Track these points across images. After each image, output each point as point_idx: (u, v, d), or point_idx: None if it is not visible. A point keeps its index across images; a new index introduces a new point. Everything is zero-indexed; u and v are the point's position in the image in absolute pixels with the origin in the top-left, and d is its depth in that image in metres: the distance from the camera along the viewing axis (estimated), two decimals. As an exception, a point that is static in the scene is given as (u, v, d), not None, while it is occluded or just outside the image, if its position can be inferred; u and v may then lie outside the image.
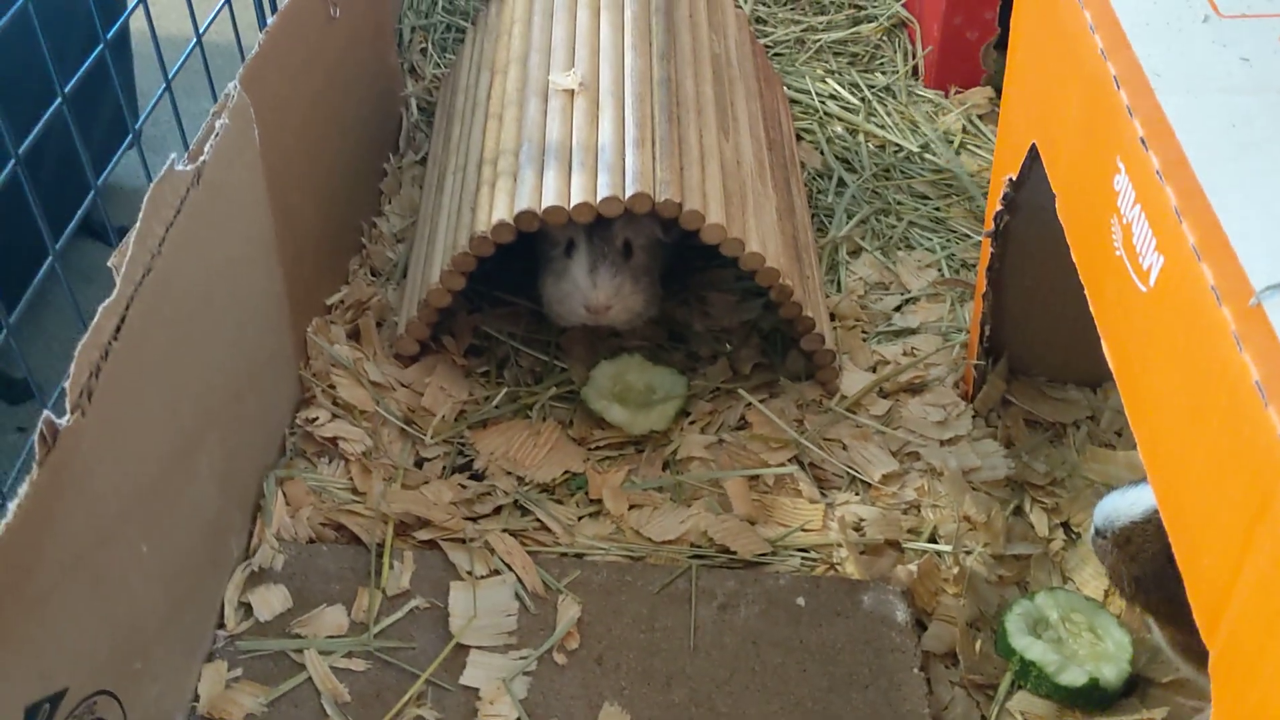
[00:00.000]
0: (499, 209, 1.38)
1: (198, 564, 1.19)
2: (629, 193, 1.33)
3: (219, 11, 1.50)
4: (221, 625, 1.23)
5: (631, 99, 1.44)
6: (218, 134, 1.18)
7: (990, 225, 1.37)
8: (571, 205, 1.34)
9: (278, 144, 1.37)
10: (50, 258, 1.18)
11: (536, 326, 1.60)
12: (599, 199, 1.33)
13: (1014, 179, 1.28)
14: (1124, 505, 1.11)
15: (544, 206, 1.34)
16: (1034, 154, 1.19)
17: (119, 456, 0.99)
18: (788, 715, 1.15)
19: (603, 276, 1.42)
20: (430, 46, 2.13)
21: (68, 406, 0.91)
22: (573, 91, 1.46)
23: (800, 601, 1.25)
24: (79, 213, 1.26)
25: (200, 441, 1.18)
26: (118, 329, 0.98)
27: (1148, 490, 1.10)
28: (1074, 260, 1.04)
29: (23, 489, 0.85)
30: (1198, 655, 1.07)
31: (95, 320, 0.96)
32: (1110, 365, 0.93)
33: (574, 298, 1.44)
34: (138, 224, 1.03)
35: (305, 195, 1.48)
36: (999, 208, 1.34)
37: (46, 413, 0.89)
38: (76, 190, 1.30)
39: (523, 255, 1.55)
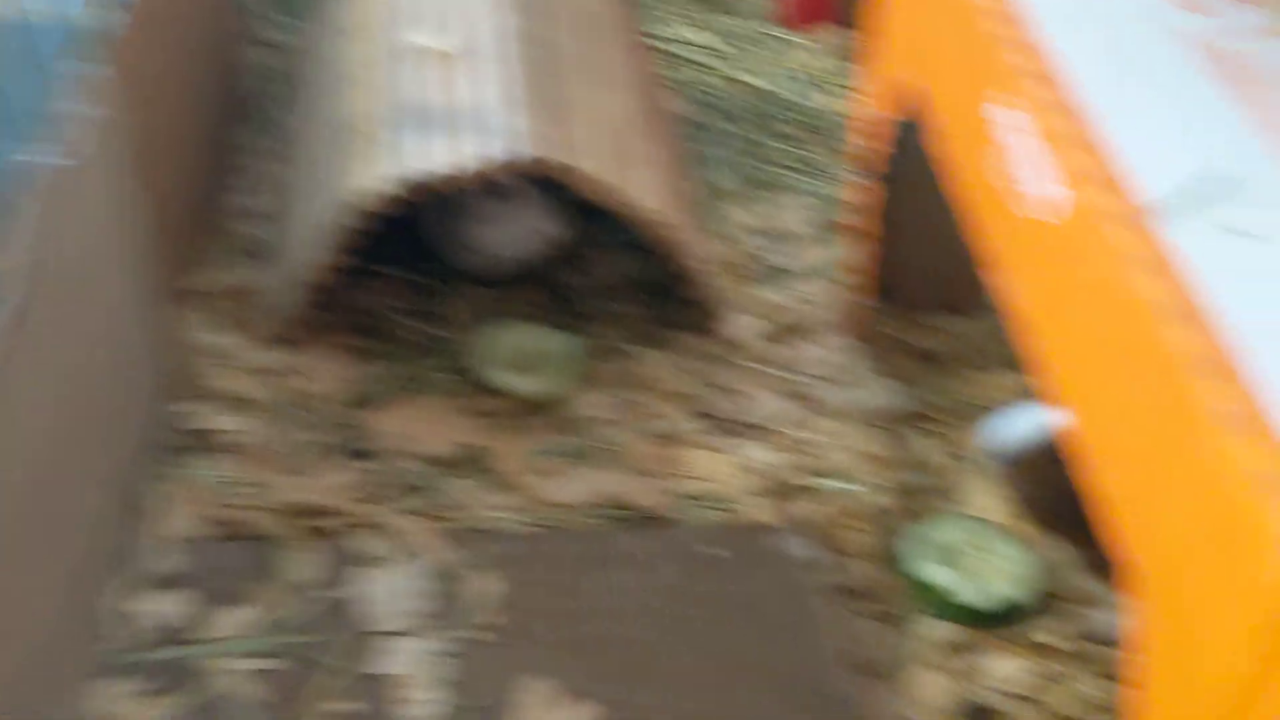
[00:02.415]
0: (381, 179, 1.33)
1: (81, 574, 1.12)
2: (519, 154, 1.29)
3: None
4: (110, 637, 1.16)
5: (507, 58, 1.40)
6: (85, 120, 1.09)
7: (872, 166, 1.38)
8: (462, 171, 1.30)
9: (141, 125, 1.28)
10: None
11: (416, 297, 1.55)
12: (490, 163, 1.29)
13: (896, 119, 1.29)
14: (1014, 427, 1.15)
15: (432, 174, 1.30)
16: (912, 90, 1.20)
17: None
18: (719, 672, 1.16)
19: (557, 208, 1.46)
20: (272, 10, 2.02)
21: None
22: (445, 53, 1.41)
23: (715, 553, 1.26)
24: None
25: (70, 442, 1.10)
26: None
27: (1035, 410, 1.14)
28: (955, 193, 1.06)
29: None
30: (1102, 569, 1.13)
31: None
32: (1004, 297, 0.95)
33: (534, 238, 1.48)
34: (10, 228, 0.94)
35: (167, 177, 1.39)
36: (888, 149, 1.34)
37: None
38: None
39: (393, 225, 1.50)
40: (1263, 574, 0.57)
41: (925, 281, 1.55)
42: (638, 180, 1.38)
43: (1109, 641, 1.21)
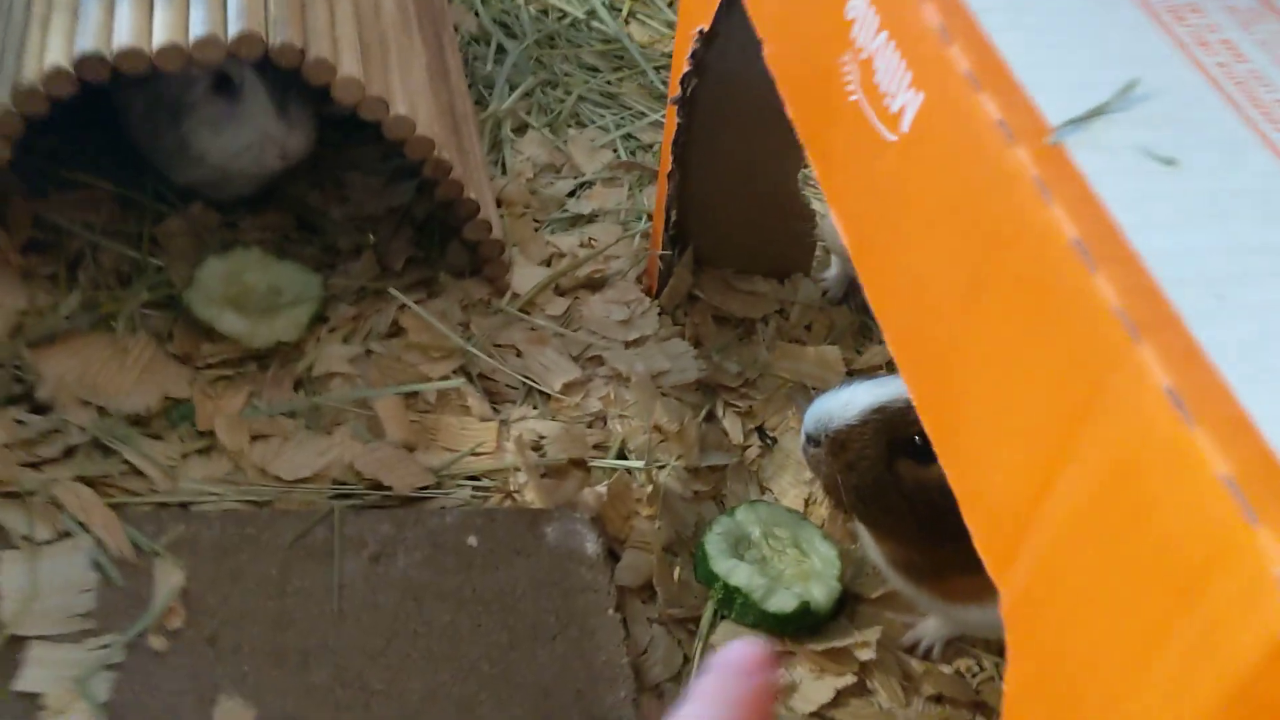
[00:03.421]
0: (54, 52, 1.04)
1: None
2: (233, 31, 1.02)
3: None
4: None
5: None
6: None
7: (676, 90, 1.18)
8: (154, 49, 1.02)
9: None
10: None
11: (123, 215, 1.26)
12: (192, 40, 1.02)
13: (705, 31, 1.10)
14: (837, 408, 0.97)
15: (116, 50, 1.01)
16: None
17: None
18: (460, 684, 0.94)
19: (296, 113, 1.19)
20: None
21: None
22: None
23: (472, 541, 1.03)
24: None
25: None
26: None
27: (862, 389, 0.97)
28: (791, 117, 0.86)
29: None
30: (918, 571, 0.97)
31: None
32: (844, 239, 0.76)
33: (263, 148, 1.18)
34: None
35: None
36: (686, 68, 1.15)
37: None
38: None
39: (100, 121, 1.21)
40: (1249, 628, 0.38)
41: (740, 238, 1.37)
42: (397, 88, 1.13)
43: (915, 650, 1.06)
